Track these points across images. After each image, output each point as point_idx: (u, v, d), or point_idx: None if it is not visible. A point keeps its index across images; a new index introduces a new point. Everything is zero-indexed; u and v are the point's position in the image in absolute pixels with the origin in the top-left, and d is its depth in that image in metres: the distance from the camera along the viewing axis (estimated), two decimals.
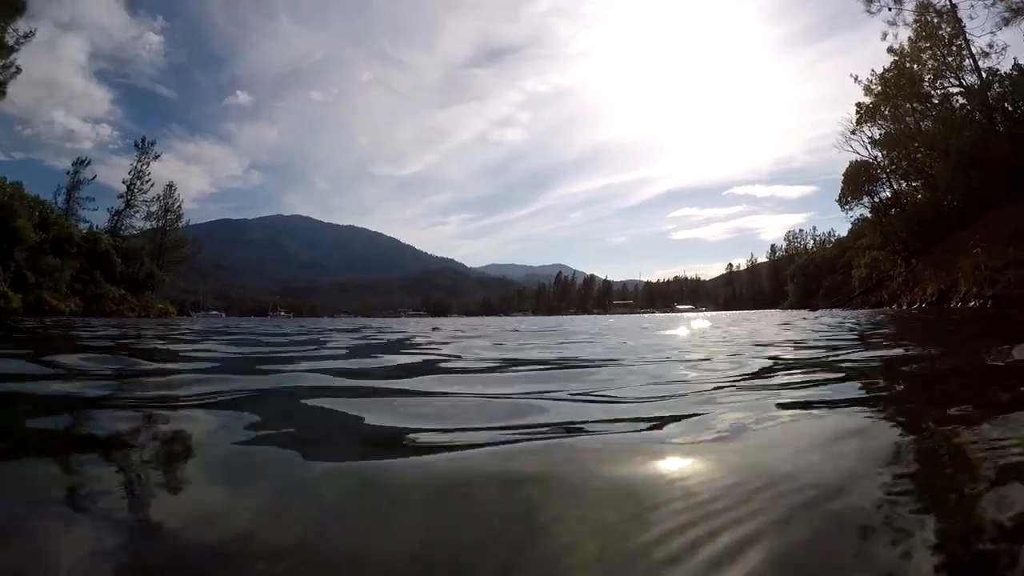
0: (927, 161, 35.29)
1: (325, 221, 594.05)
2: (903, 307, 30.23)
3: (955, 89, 34.43)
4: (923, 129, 35.62)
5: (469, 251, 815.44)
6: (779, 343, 5.90)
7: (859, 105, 38.98)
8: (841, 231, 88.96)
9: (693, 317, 28.61)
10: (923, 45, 34.44)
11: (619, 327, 13.87)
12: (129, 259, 53.05)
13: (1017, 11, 29.95)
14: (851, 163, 42.43)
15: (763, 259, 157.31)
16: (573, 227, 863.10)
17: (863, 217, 46.46)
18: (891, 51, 36.07)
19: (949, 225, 30.83)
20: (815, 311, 34.89)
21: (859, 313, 24.11)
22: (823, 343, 5.72)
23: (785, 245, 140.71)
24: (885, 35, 35.76)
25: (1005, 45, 31.60)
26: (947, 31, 33.15)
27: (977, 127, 31.48)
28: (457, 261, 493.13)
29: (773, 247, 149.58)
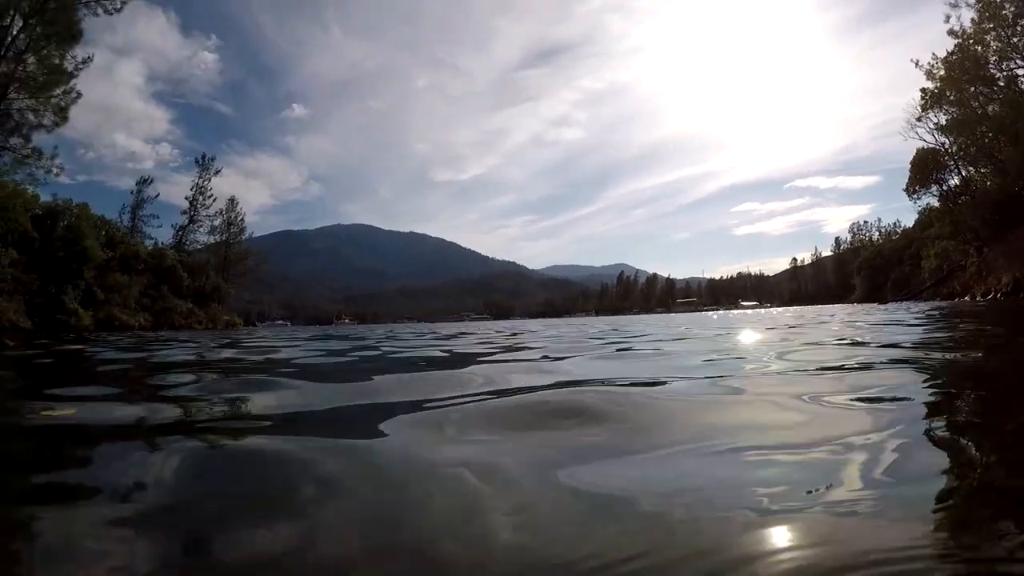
0: (996, 146, 33.46)
1: (386, 229, 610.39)
2: (976, 298, 28.47)
3: (1021, 71, 32.68)
4: (990, 113, 33.84)
5: (531, 253, 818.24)
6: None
7: (924, 91, 37.38)
8: (907, 221, 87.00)
9: (773, 314, 27.53)
10: (987, 27, 32.73)
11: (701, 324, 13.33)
12: (195, 273, 55.45)
13: None
14: (918, 150, 41.18)
15: (827, 252, 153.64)
16: (635, 225, 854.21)
17: (930, 206, 44.92)
18: (952, 34, 34.50)
19: (1022, 211, 29.09)
20: (885, 304, 33.84)
21: (935, 305, 22.90)
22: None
23: (850, 237, 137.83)
24: (948, 18, 34.17)
25: None
26: (1011, 11, 31.45)
27: None
28: (519, 264, 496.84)
29: (837, 240, 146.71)
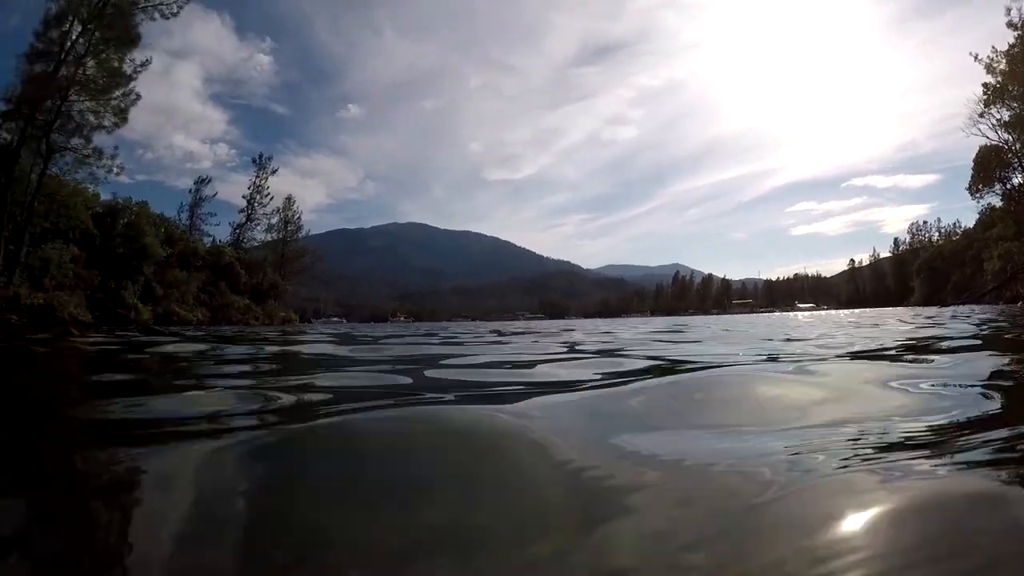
0: None
1: (441, 228, 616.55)
2: None
3: None
4: None
5: (586, 252, 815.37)
6: None
7: (985, 86, 35.08)
8: (967, 221, 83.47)
9: (840, 316, 26.05)
10: None
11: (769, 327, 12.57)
12: (252, 270, 56.33)
13: None
14: (980, 148, 39.39)
15: (886, 253, 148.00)
16: (690, 224, 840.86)
17: (992, 206, 42.85)
18: (1012, 26, 32.39)
19: None
20: (946, 308, 33.13)
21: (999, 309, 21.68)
22: None
23: (909, 238, 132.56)
24: (1009, 10, 32.24)
25: None
26: None
27: None
28: (573, 263, 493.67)
29: (896, 240, 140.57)
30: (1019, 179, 38.64)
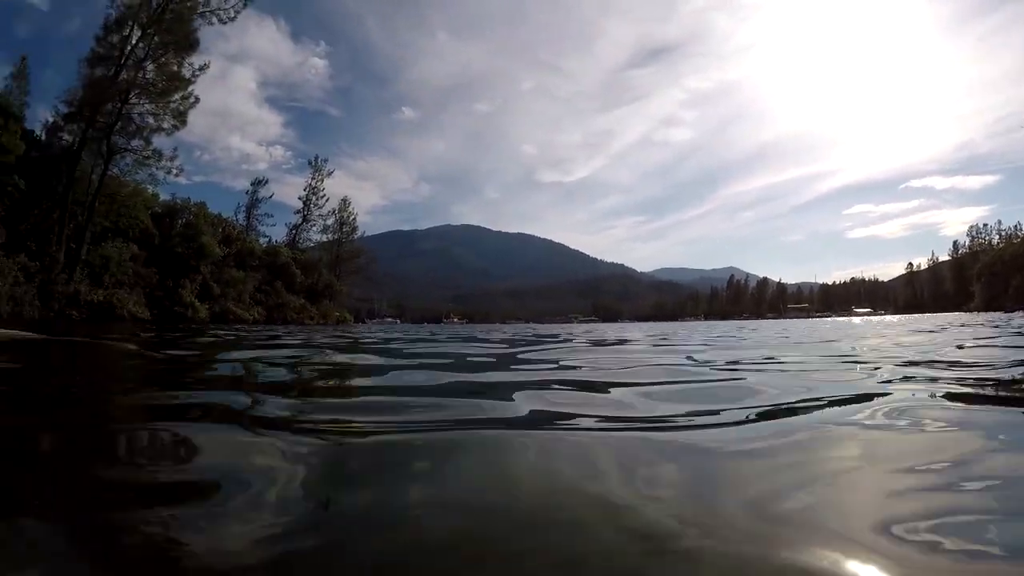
0: None
1: (494, 230, 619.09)
2: None
3: None
4: None
5: (640, 255, 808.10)
6: None
7: None
8: None
9: (892, 321, 23.81)
10: None
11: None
12: (308, 270, 56.83)
13: None
14: None
15: (945, 257, 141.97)
16: (744, 227, 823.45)
17: None
18: None
19: None
20: (1010, 313, 32.25)
21: None
22: None
23: (968, 241, 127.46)
24: None
25: None
26: None
27: None
28: (627, 266, 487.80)
29: (955, 244, 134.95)
30: None
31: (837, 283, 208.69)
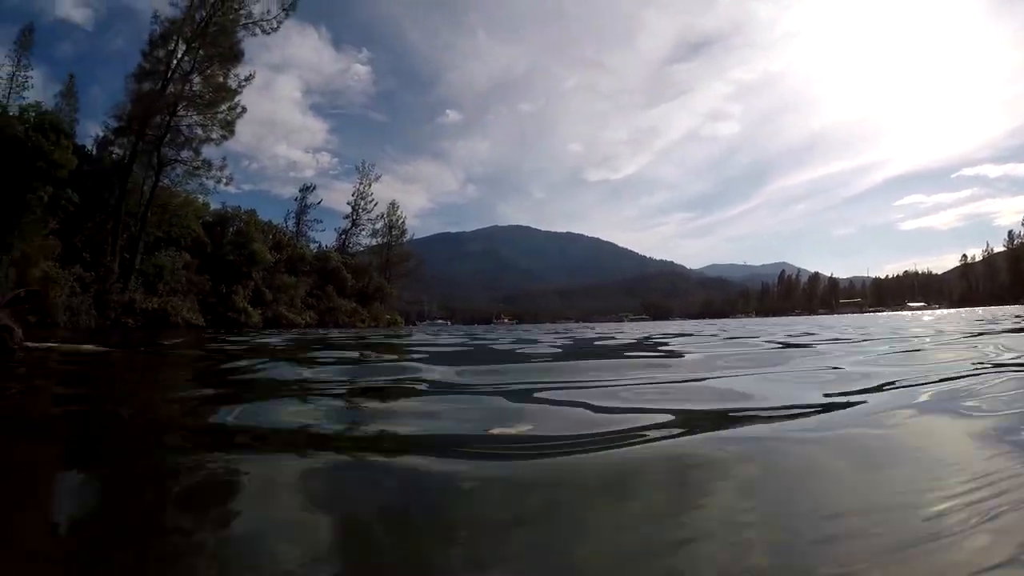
0: None
1: (542, 229, 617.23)
2: None
3: None
4: None
5: (688, 252, 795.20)
6: None
7: None
8: None
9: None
10: None
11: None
12: (358, 274, 57.00)
13: None
14: None
15: (1000, 248, 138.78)
16: (794, 220, 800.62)
17: None
18: None
19: None
20: None
21: None
22: None
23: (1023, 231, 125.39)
24: None
25: None
26: None
27: None
28: (676, 263, 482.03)
29: (1011, 234, 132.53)
30: None
31: (889, 277, 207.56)
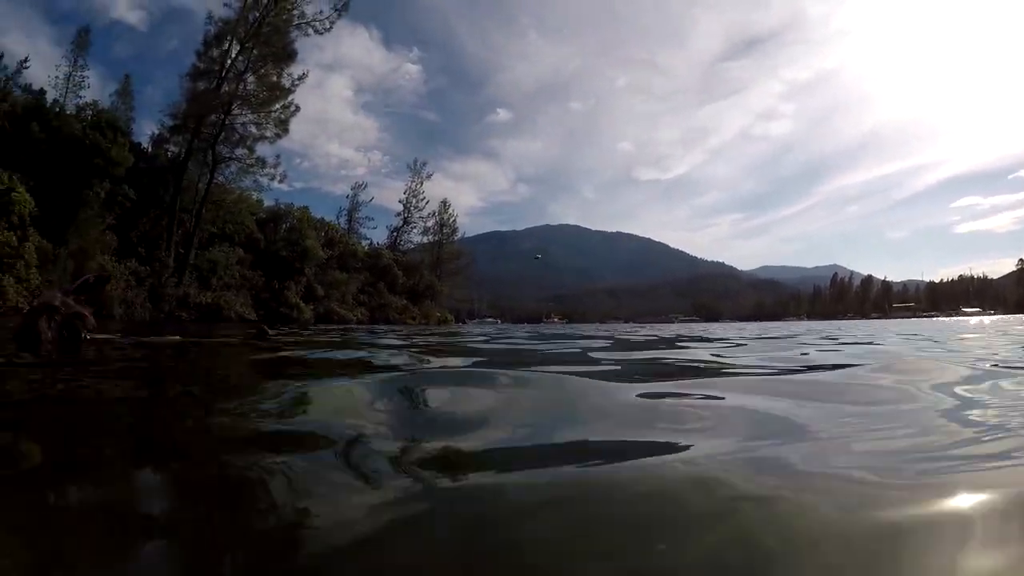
0: None
1: (593, 229, 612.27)
2: None
3: None
4: None
5: (741, 252, 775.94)
6: None
7: None
8: None
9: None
10: None
11: None
12: (409, 271, 56.86)
13: None
14: None
15: None
16: (847, 222, 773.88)
17: None
18: None
19: None
20: None
21: None
22: None
23: None
24: None
25: None
26: None
27: None
28: (727, 264, 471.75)
29: None
30: None
31: (944, 281, 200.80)
